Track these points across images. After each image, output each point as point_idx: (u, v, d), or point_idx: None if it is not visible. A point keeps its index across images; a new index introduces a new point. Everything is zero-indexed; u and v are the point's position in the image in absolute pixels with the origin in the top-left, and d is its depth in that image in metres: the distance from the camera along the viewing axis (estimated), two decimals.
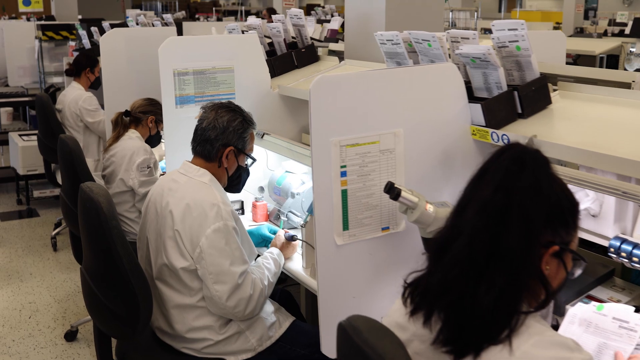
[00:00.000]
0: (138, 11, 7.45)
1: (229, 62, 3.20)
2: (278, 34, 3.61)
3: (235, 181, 2.60)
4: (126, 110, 3.78)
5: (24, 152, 6.21)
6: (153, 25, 5.91)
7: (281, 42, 3.64)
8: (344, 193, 2.00)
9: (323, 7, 11.59)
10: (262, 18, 5.13)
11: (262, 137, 3.21)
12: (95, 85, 5.34)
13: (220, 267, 2.29)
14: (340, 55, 3.73)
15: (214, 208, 2.34)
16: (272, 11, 8.73)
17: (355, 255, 2.05)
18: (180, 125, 3.13)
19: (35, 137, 6.21)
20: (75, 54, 6.29)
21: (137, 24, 5.95)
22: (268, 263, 2.57)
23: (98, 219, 2.20)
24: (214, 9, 14.57)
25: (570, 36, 9.33)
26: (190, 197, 2.38)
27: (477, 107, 2.10)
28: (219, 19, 11.92)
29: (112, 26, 6.11)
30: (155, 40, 4.81)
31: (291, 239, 2.70)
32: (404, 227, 2.10)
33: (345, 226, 2.02)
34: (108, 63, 4.56)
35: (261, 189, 3.28)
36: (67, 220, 3.55)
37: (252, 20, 3.80)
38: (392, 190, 1.88)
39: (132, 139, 3.75)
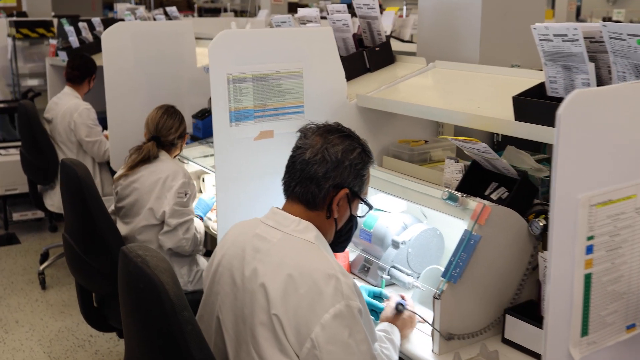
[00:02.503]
0: (129, 5, 6.57)
1: (297, 64, 2.41)
2: (345, 28, 2.82)
3: (343, 237, 1.83)
4: (154, 137, 2.96)
5: (1, 168, 5.32)
6: (154, 20, 5.07)
7: (349, 39, 2.85)
8: (588, 279, 1.23)
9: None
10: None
11: None
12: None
13: None
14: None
15: (331, 281, 1.57)
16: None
17: None
18: (235, 149, 2.34)
19: (15, 151, 5.31)
20: (62, 54, 5.42)
21: (136, 19, 5.10)
22: (387, 349, 1.81)
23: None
24: (195, 6, 13.66)
25: None
26: (293, 265, 1.60)
27: None
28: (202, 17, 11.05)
29: (107, 23, 5.25)
30: (168, 37, 4.02)
31: (397, 309, 1.93)
32: None
33: (585, 330, 1.25)
34: (111, 64, 3.75)
35: None
36: (75, 271, 2.74)
37: (305, 11, 3.00)
38: None
39: (164, 160, 2.93)
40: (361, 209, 1.84)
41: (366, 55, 2.82)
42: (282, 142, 2.42)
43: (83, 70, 4.39)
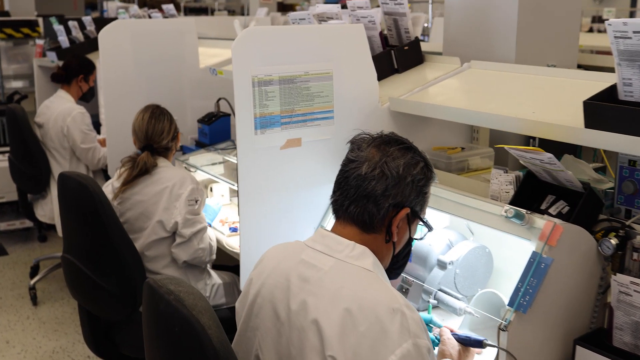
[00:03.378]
0: (119, 3, 6.29)
1: (326, 64, 2.18)
2: (371, 26, 2.60)
3: (400, 262, 1.62)
4: (148, 145, 2.70)
5: None
6: (150, 18, 4.81)
7: (375, 38, 2.63)
8: None
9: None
10: None
11: None
12: (87, 97, 4.21)
13: None
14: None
15: (396, 317, 1.35)
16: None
17: None
18: (260, 159, 2.10)
19: (2, 157, 5.03)
20: (51, 54, 5.15)
21: (130, 17, 4.84)
22: None
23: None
24: (181, 5, 13.37)
25: None
26: (350, 297, 1.38)
27: None
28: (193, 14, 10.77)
29: (98, 22, 4.98)
30: (169, 36, 3.77)
31: (479, 345, 1.71)
32: None
33: None
34: (108, 65, 3.50)
35: None
36: (82, 295, 2.49)
37: (325, 7, 2.77)
38: None
39: (165, 168, 2.69)
40: (419, 230, 1.62)
41: (394, 55, 2.60)
42: (310, 151, 2.19)
43: (68, 69, 4.11)
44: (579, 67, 2.92)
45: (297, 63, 2.12)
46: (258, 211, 2.13)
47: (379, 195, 1.48)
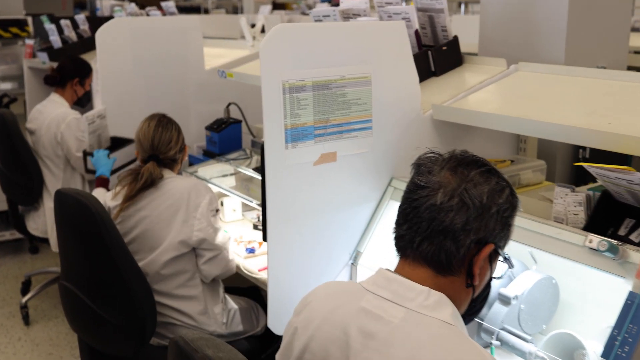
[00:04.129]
0: (113, 1, 5.98)
1: (365, 67, 1.90)
2: (407, 24, 2.32)
3: (477, 307, 1.35)
4: (153, 156, 2.42)
5: None
6: (148, 16, 4.52)
7: (411, 36, 2.35)
8: None
9: None
10: None
11: None
12: (82, 102, 3.91)
13: None
14: None
15: None
16: None
17: None
18: (290, 177, 1.82)
19: None
20: (42, 55, 4.85)
21: (127, 16, 4.54)
22: None
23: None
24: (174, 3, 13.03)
25: None
26: None
27: None
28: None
29: (92, 21, 4.68)
30: (172, 34, 3.47)
31: None
32: None
33: None
34: (106, 65, 3.22)
35: None
36: (83, 329, 2.20)
37: (351, 3, 2.49)
38: None
39: (173, 179, 2.42)
40: (499, 267, 1.35)
41: (431, 56, 2.33)
42: (345, 166, 1.92)
43: (63, 71, 3.80)
44: (629, 69, 2.66)
45: (333, 66, 1.84)
46: (288, 236, 1.85)
47: (459, 229, 1.21)
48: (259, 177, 2.71)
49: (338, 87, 1.86)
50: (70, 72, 3.78)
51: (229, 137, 3.00)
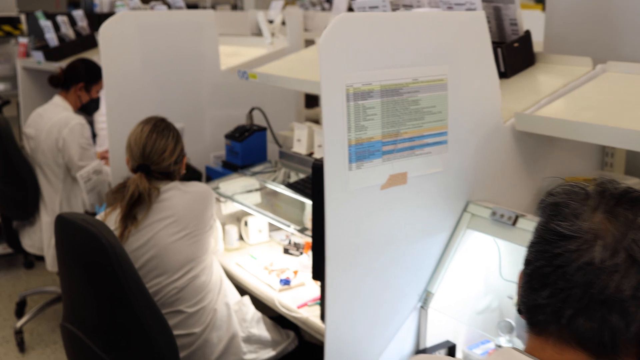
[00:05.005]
0: None
1: (439, 68, 1.54)
2: None
3: None
4: (143, 166, 2.08)
5: None
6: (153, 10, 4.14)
7: None
8: None
9: None
10: None
11: (514, 222, 1.56)
12: (89, 109, 3.53)
13: None
14: None
15: None
16: None
17: None
18: (354, 204, 1.46)
19: None
20: (37, 54, 4.47)
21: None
22: None
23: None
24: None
25: None
26: None
27: None
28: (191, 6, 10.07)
29: (91, 17, 4.31)
30: (185, 30, 3.11)
31: None
32: None
33: None
34: (111, 65, 2.86)
35: (506, 325, 1.62)
36: None
37: None
38: None
39: (175, 186, 2.07)
40: None
41: (501, 54, 1.97)
42: (414, 190, 1.56)
43: (71, 74, 3.42)
44: None
45: (404, 66, 1.48)
46: (349, 275, 1.49)
47: (628, 298, 0.86)
48: (286, 193, 2.36)
49: (410, 92, 1.50)
50: (77, 75, 3.41)
51: (252, 147, 2.64)
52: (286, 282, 2.15)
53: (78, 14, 4.65)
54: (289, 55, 2.94)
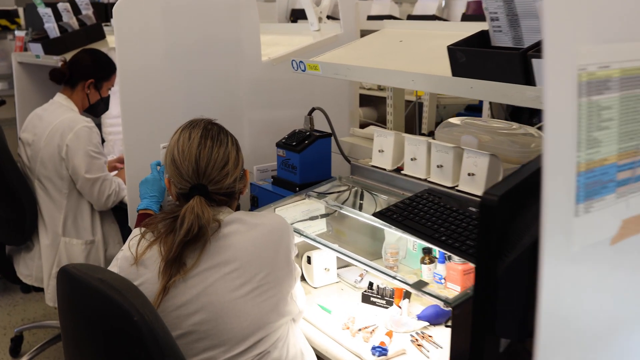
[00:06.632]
0: None
1: None
2: None
3: None
4: (199, 186, 1.48)
5: None
6: None
7: None
8: None
9: None
10: None
11: None
12: (97, 110, 2.93)
13: None
14: None
15: None
16: None
17: None
18: (576, 271, 0.86)
19: None
20: (35, 47, 3.89)
21: None
22: None
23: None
24: None
25: None
26: None
27: None
28: None
29: (97, 6, 3.72)
30: (219, 14, 2.52)
31: None
32: None
33: None
34: (127, 56, 2.28)
35: None
36: None
37: None
38: None
39: (240, 218, 1.48)
40: None
41: None
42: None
43: (76, 68, 2.83)
44: None
45: None
46: None
47: None
48: (359, 218, 1.76)
49: None
50: (85, 70, 2.81)
51: (315, 159, 2.02)
52: (382, 352, 1.53)
53: (82, 0, 4.06)
54: (353, 42, 2.34)
